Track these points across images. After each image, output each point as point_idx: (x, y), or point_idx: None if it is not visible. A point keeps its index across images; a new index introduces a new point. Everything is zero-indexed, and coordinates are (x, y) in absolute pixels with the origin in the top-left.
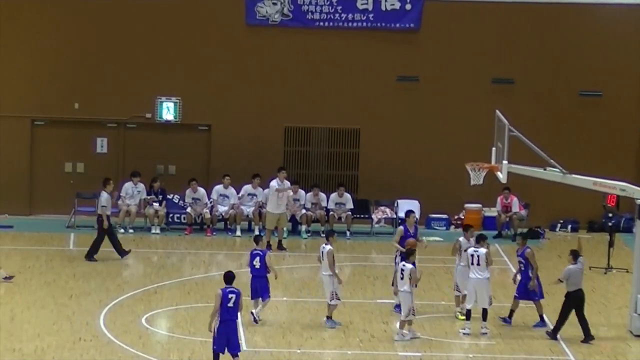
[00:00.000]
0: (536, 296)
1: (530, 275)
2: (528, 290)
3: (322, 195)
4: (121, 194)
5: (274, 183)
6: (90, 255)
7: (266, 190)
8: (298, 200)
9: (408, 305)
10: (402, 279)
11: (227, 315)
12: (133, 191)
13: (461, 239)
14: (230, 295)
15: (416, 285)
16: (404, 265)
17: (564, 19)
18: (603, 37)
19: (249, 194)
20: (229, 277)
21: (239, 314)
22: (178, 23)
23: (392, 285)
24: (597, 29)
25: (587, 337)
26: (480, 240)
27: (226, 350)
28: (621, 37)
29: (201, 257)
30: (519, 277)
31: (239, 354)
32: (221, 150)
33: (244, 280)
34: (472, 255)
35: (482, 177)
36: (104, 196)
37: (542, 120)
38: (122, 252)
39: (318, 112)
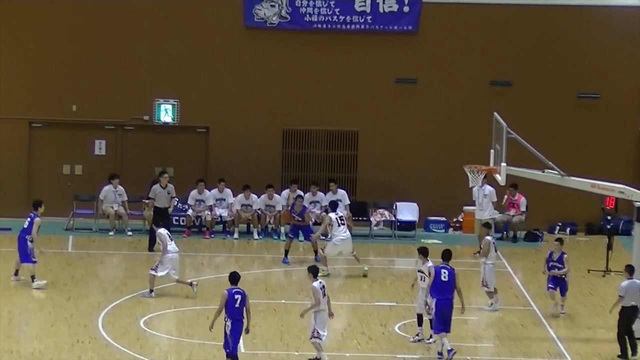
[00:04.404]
0: None
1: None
2: None
3: (321, 194)
4: (100, 197)
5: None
6: None
7: (262, 197)
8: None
9: None
10: None
11: (238, 316)
12: (114, 195)
13: (489, 237)
14: (236, 296)
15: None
16: None
17: (562, 21)
18: (601, 40)
19: (242, 205)
20: (234, 278)
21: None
22: (176, 25)
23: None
24: (595, 31)
25: None
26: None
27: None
28: (619, 40)
29: (199, 260)
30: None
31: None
32: (219, 153)
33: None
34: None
35: (481, 179)
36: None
37: (540, 122)
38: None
39: (316, 114)
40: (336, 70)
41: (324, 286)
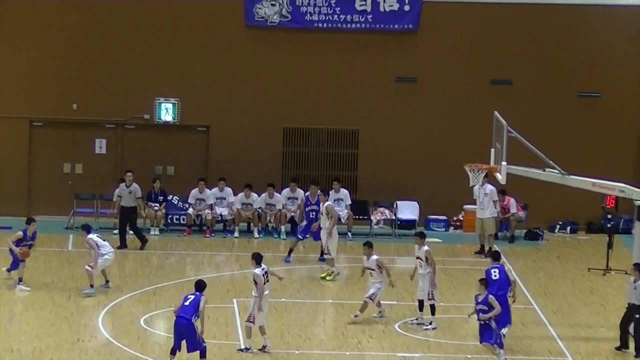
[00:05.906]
0: None
1: None
2: None
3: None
4: (114, 199)
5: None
6: None
7: (262, 195)
8: (296, 199)
9: None
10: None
11: (182, 313)
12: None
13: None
14: (189, 296)
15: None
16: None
17: (563, 20)
18: (602, 39)
19: (243, 204)
20: (198, 285)
21: (194, 316)
22: (177, 24)
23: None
24: (595, 31)
25: None
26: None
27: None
28: (620, 39)
29: (200, 259)
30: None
31: (197, 352)
32: (220, 152)
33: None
34: None
35: (481, 178)
36: None
37: (541, 121)
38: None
39: (317, 113)
40: (337, 69)
41: (266, 272)
